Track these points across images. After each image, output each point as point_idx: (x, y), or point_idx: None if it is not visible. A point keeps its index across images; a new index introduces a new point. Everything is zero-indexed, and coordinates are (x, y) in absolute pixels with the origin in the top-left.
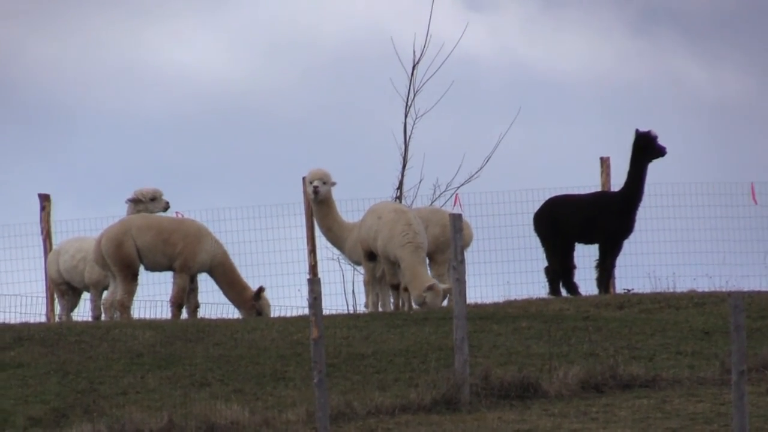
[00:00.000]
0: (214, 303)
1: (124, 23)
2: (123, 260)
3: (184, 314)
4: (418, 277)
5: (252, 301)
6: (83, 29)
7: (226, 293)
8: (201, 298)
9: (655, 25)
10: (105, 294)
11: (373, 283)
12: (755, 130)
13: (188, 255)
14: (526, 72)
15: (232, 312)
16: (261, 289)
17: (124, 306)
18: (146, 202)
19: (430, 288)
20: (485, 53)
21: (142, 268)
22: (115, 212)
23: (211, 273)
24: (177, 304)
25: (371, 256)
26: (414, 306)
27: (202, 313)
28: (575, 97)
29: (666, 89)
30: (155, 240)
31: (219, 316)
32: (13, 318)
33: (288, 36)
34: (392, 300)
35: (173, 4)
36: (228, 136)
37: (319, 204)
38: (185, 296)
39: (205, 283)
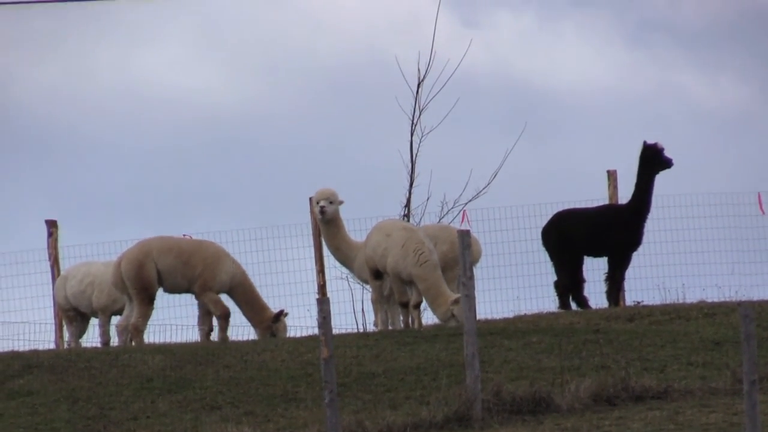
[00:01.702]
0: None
1: (120, 48)
2: (143, 283)
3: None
4: (442, 294)
5: (269, 322)
6: (79, 55)
7: (245, 313)
8: (214, 321)
9: (652, 36)
10: (118, 318)
11: (381, 301)
12: (758, 138)
13: (208, 276)
14: (525, 86)
15: (241, 334)
16: (281, 313)
17: (138, 330)
18: None
19: (457, 301)
20: (484, 69)
21: (159, 292)
22: (122, 236)
23: (231, 293)
24: (224, 315)
25: (378, 275)
26: (440, 322)
27: (214, 336)
28: (577, 110)
29: (667, 100)
30: (176, 262)
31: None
32: (22, 345)
33: (286, 58)
34: (401, 318)
35: (169, 28)
36: (232, 158)
37: (326, 224)
38: (222, 304)
39: None
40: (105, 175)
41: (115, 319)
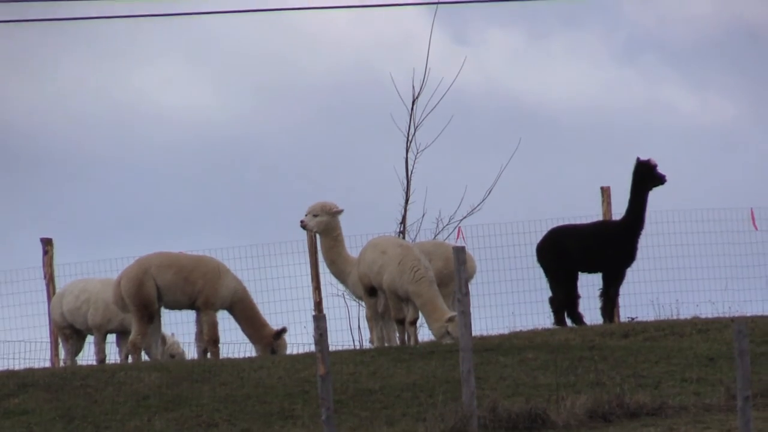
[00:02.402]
0: (223, 342)
1: (111, 67)
2: (142, 300)
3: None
4: (438, 310)
5: (270, 339)
6: (71, 74)
7: (244, 329)
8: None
9: (641, 54)
10: (114, 336)
11: (376, 318)
12: (748, 155)
13: (209, 292)
14: (517, 104)
15: (237, 351)
16: (283, 330)
17: (136, 347)
18: None
19: (452, 319)
20: (475, 86)
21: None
22: (117, 254)
23: (231, 310)
24: (213, 340)
25: (372, 292)
26: (435, 339)
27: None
28: (570, 127)
29: (658, 117)
30: (175, 278)
31: (225, 355)
32: (17, 364)
33: (276, 76)
34: (398, 335)
35: (160, 46)
36: (227, 176)
37: (322, 236)
38: (215, 330)
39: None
40: (99, 193)
41: (111, 337)
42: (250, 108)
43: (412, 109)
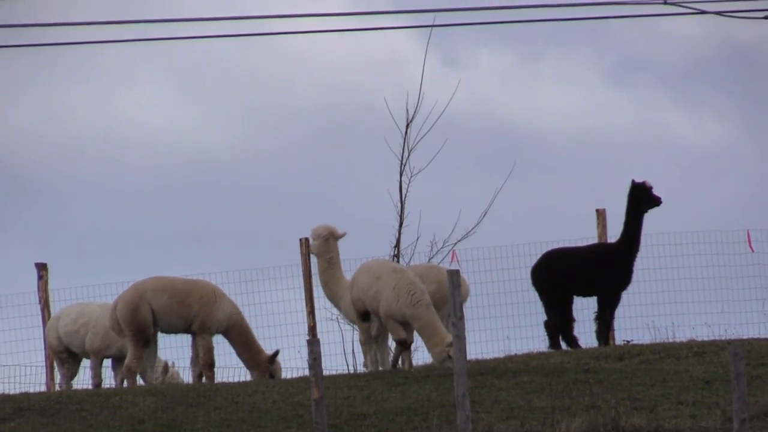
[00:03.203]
0: (218, 367)
1: (99, 90)
2: (138, 325)
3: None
4: (437, 333)
5: (266, 364)
6: (59, 98)
7: (240, 355)
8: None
9: (633, 75)
10: (110, 361)
11: (369, 342)
12: (743, 176)
13: (205, 317)
14: (510, 126)
15: (231, 376)
16: (277, 353)
17: (131, 371)
18: None
19: (451, 344)
20: (466, 108)
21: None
22: (110, 279)
23: (227, 334)
24: (209, 365)
25: (365, 316)
26: (435, 363)
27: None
28: (563, 150)
29: (651, 138)
30: (171, 302)
31: (219, 379)
32: (12, 389)
33: (267, 99)
34: (392, 355)
35: (145, 70)
36: (218, 200)
37: (317, 258)
38: (210, 355)
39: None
40: (93, 218)
41: (107, 362)
42: (243, 131)
43: (406, 132)
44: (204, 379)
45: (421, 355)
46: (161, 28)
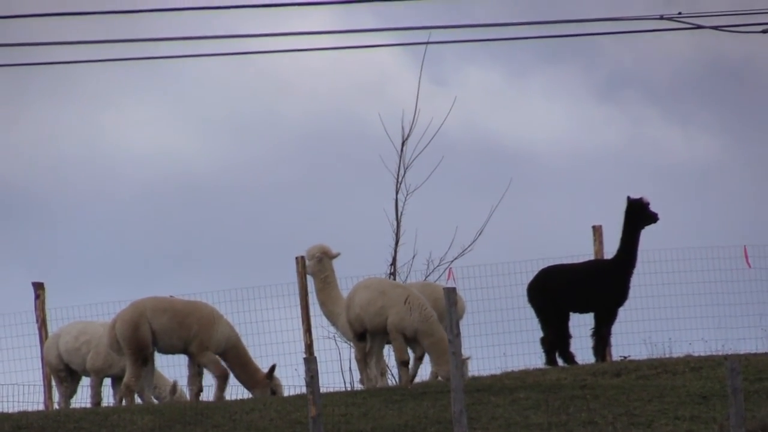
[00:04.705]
0: (211, 385)
1: (87, 111)
2: (138, 344)
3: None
4: (448, 351)
5: (266, 380)
6: (52, 119)
7: (238, 375)
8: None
9: (621, 91)
10: (110, 380)
11: (364, 360)
12: (739, 191)
13: (204, 337)
14: (500, 144)
15: (229, 394)
16: (273, 368)
17: (130, 389)
18: None
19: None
20: (455, 126)
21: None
22: (105, 298)
23: (224, 355)
24: (223, 375)
25: (362, 337)
26: (443, 379)
27: (205, 395)
28: (556, 166)
29: (642, 154)
30: (170, 323)
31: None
32: (10, 407)
33: (260, 117)
34: (400, 376)
35: (132, 89)
36: (212, 219)
37: (313, 277)
38: (220, 365)
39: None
40: (87, 238)
41: (107, 381)
42: (236, 149)
43: (401, 150)
44: (214, 391)
45: (420, 370)
46: (148, 47)
